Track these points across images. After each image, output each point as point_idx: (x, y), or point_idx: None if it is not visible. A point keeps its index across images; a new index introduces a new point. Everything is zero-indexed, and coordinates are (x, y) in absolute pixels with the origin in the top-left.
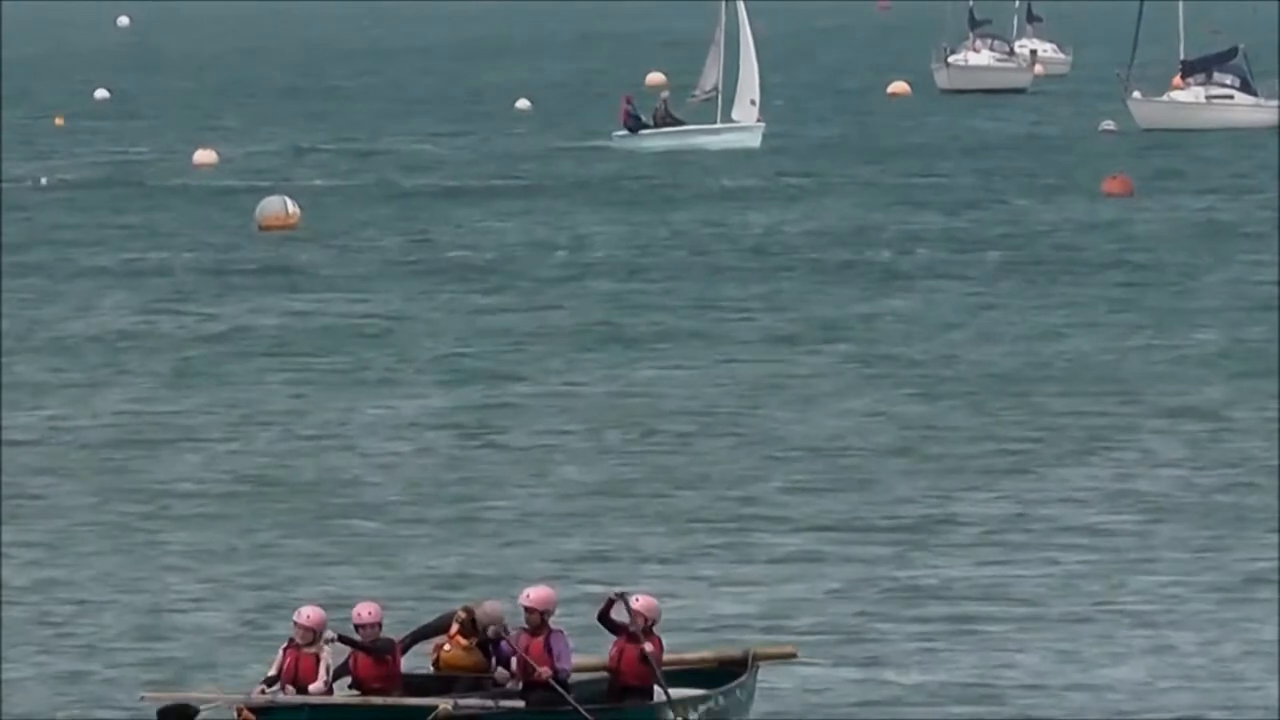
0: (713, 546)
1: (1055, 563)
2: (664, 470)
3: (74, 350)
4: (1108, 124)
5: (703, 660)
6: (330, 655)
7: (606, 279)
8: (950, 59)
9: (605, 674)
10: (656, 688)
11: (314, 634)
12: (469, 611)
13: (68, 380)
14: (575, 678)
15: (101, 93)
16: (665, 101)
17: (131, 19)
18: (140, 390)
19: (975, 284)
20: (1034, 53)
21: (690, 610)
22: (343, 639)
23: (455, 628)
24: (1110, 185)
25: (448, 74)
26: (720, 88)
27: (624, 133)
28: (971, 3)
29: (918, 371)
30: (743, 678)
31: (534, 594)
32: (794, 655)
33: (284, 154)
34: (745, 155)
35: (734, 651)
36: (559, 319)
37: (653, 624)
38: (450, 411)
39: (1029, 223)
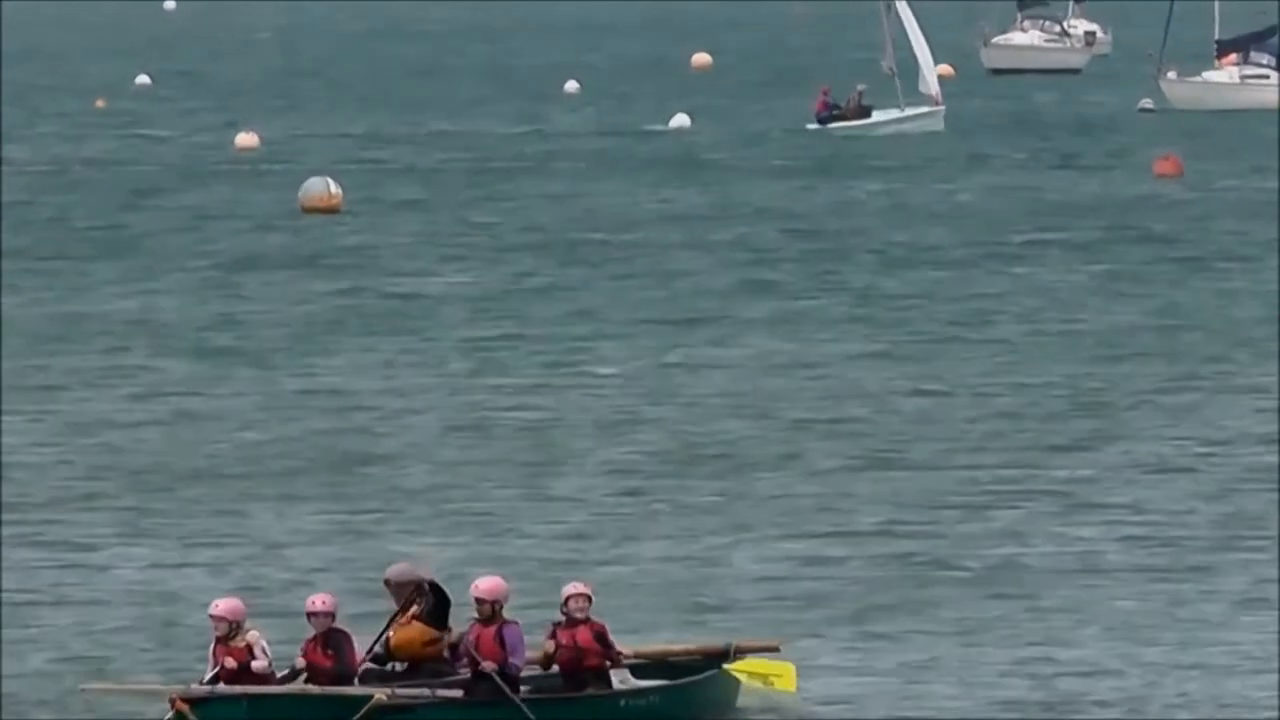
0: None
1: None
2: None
3: (118, 334)
4: (1146, 102)
5: (685, 652)
6: (262, 639)
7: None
8: (994, 39)
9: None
10: (613, 672)
11: (229, 624)
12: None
13: (115, 364)
14: (536, 670)
15: (143, 78)
16: (860, 93)
17: (178, 2)
18: (183, 373)
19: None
20: (1090, 33)
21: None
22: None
23: (413, 609)
24: (1161, 166)
25: (497, 52)
26: (895, 68)
27: (815, 125)
28: None
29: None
30: (711, 672)
31: (483, 584)
32: (777, 648)
33: (327, 136)
34: (928, 139)
35: (716, 643)
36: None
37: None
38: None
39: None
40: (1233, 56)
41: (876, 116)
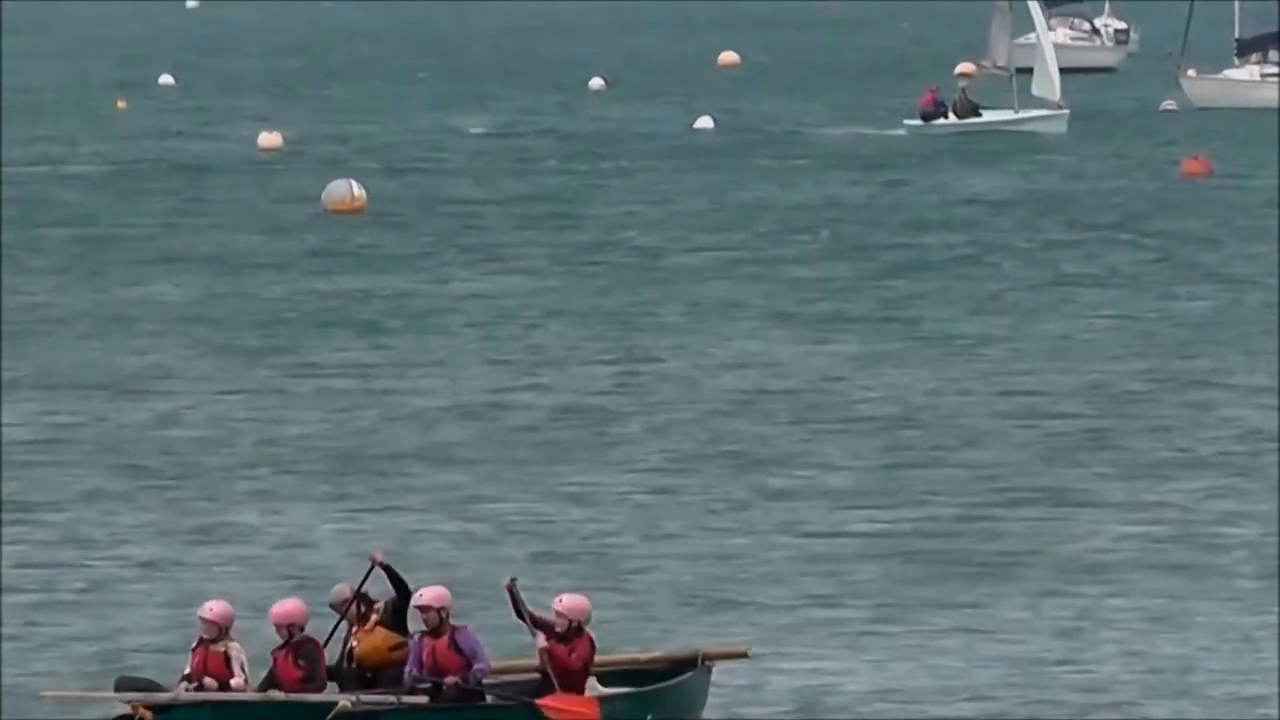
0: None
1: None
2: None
3: (146, 333)
4: (1169, 104)
5: (653, 660)
6: (241, 650)
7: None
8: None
9: (535, 674)
10: (587, 683)
11: (218, 629)
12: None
13: (148, 364)
14: (504, 677)
15: (166, 78)
16: (964, 91)
17: (200, 1)
18: (203, 372)
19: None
20: (1122, 31)
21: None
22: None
23: (374, 618)
24: (1190, 166)
25: (520, 50)
26: (1012, 65)
27: (917, 122)
28: None
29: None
30: (683, 677)
31: (427, 593)
32: (746, 655)
33: (351, 136)
34: (1049, 142)
35: (684, 651)
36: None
37: (580, 624)
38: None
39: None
40: (1254, 55)
41: (988, 116)
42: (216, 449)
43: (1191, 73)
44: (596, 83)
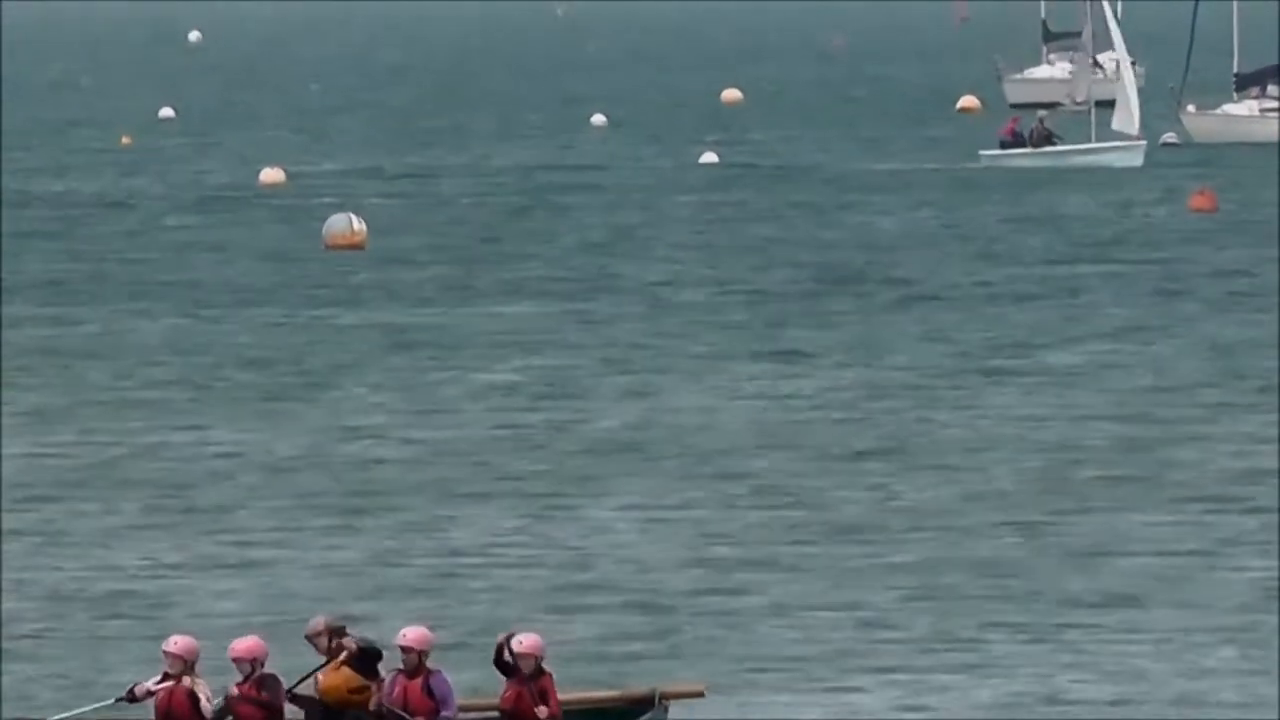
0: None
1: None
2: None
3: (143, 367)
4: (1169, 136)
5: (609, 699)
6: (206, 685)
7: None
8: (1010, 75)
9: (497, 714)
10: None
11: (184, 663)
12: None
13: (137, 398)
14: (465, 717)
15: (166, 111)
16: (1042, 120)
17: (203, 34)
18: (201, 408)
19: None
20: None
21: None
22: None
23: (344, 655)
24: (1197, 201)
25: (524, 85)
26: (1091, 100)
27: (994, 151)
28: (1044, 15)
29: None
30: (649, 714)
31: (410, 634)
32: (702, 694)
33: (352, 170)
34: (1123, 175)
35: (641, 689)
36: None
37: (540, 661)
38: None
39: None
40: (1253, 89)
41: (1064, 147)
42: (212, 481)
43: (1191, 108)
44: (599, 119)
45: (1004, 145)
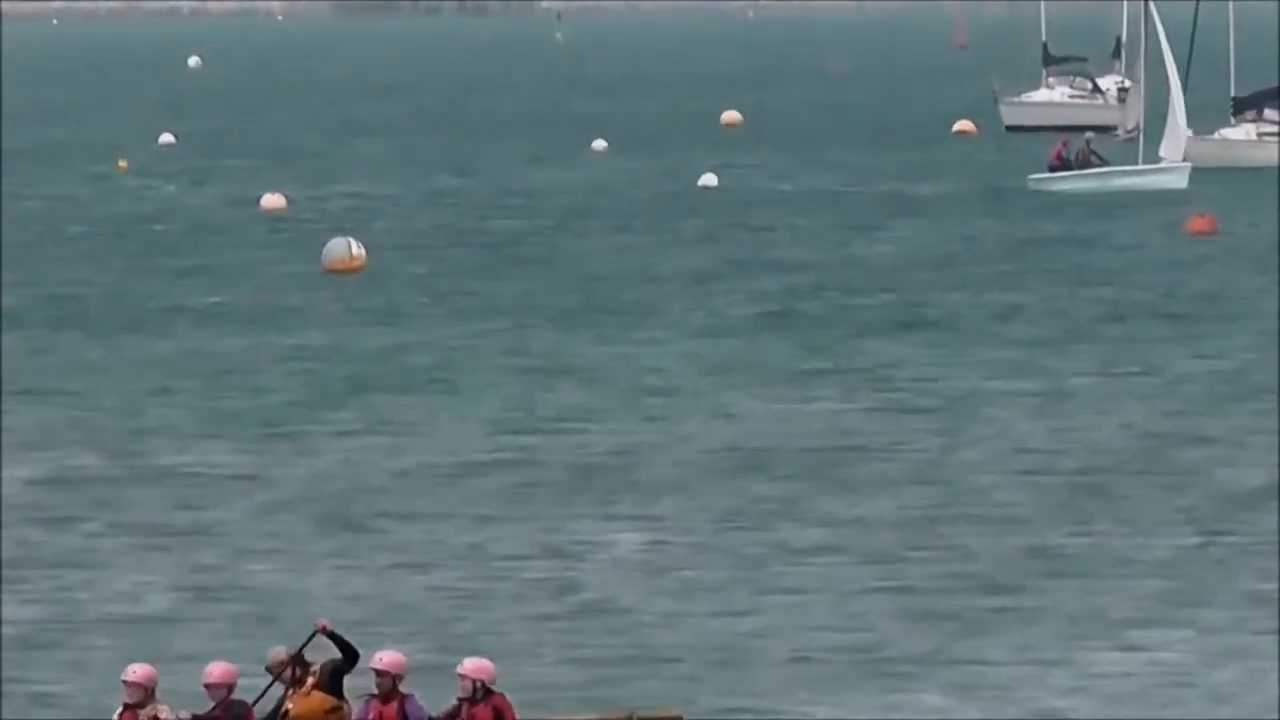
0: None
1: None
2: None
3: (141, 392)
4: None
5: None
6: (169, 712)
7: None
8: (1006, 98)
9: None
10: None
11: (144, 690)
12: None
13: (135, 422)
14: None
15: (166, 137)
16: (1089, 142)
17: (203, 60)
18: (207, 434)
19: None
20: (1124, 89)
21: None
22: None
23: (293, 688)
24: (1195, 224)
25: (524, 109)
26: (1142, 125)
27: (1042, 175)
28: (1044, 38)
29: None
30: None
31: (386, 658)
32: (680, 718)
33: (351, 194)
34: (1168, 198)
35: (618, 713)
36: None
37: (488, 684)
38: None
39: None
40: (1250, 113)
41: (1109, 169)
42: (207, 504)
43: (1189, 133)
44: (599, 144)
45: (1052, 169)
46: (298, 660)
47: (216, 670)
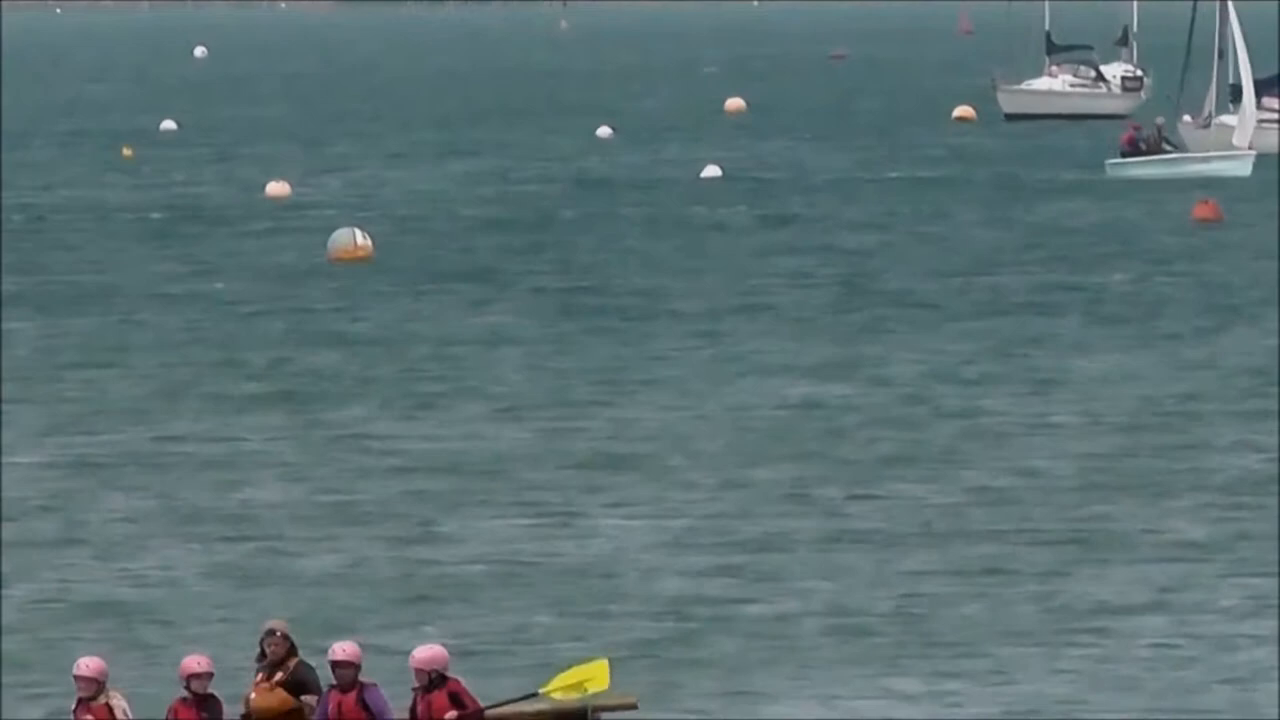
0: None
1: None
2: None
3: (143, 379)
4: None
5: (542, 713)
6: (125, 701)
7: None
8: (1004, 86)
9: None
10: None
11: (97, 684)
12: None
13: (138, 409)
14: None
15: (168, 124)
16: (1160, 128)
17: (209, 50)
18: (207, 422)
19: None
20: (1131, 78)
21: None
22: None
23: (263, 672)
24: (1200, 210)
25: (531, 97)
26: (1214, 111)
27: (1117, 160)
28: (1048, 26)
29: None
30: None
31: (346, 649)
32: (634, 706)
33: (357, 183)
34: (1230, 183)
35: (572, 703)
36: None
37: (442, 672)
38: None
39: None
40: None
41: (1179, 155)
42: (209, 491)
43: (1188, 119)
44: (604, 131)
45: (1124, 154)
46: (288, 641)
47: (197, 661)
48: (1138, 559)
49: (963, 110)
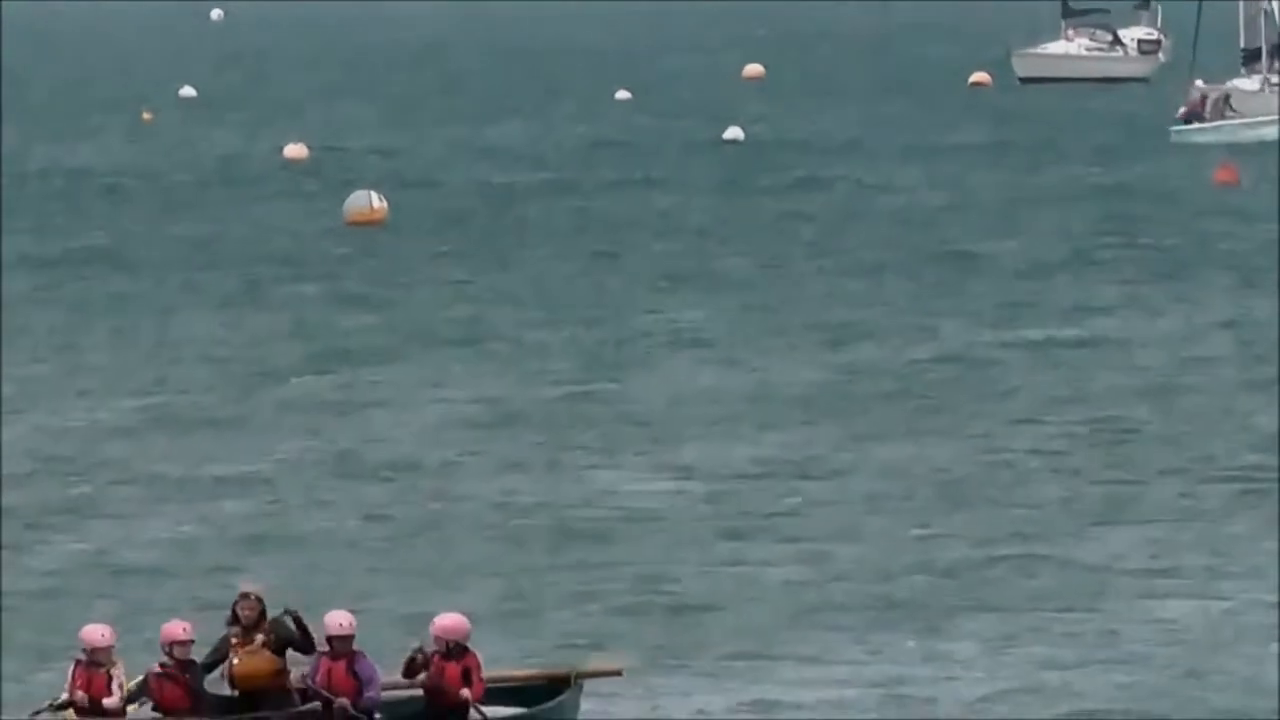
0: None
1: None
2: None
3: (159, 348)
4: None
5: (528, 678)
6: (123, 672)
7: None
8: (1019, 50)
9: (422, 694)
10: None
11: (105, 650)
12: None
13: (154, 374)
14: (392, 695)
15: (187, 90)
16: (1226, 94)
17: (225, 13)
18: (220, 388)
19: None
20: (1149, 41)
21: None
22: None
23: (238, 635)
24: (1220, 174)
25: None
26: (1275, 79)
27: (1181, 126)
28: None
29: None
30: (562, 696)
31: (346, 621)
32: (620, 673)
33: (374, 147)
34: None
35: (559, 669)
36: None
37: (456, 644)
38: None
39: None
40: (1256, 65)
41: (1239, 121)
42: (222, 459)
43: (1199, 83)
44: (623, 95)
45: (1187, 120)
46: (261, 604)
47: (181, 627)
48: (1162, 520)
49: (979, 76)
